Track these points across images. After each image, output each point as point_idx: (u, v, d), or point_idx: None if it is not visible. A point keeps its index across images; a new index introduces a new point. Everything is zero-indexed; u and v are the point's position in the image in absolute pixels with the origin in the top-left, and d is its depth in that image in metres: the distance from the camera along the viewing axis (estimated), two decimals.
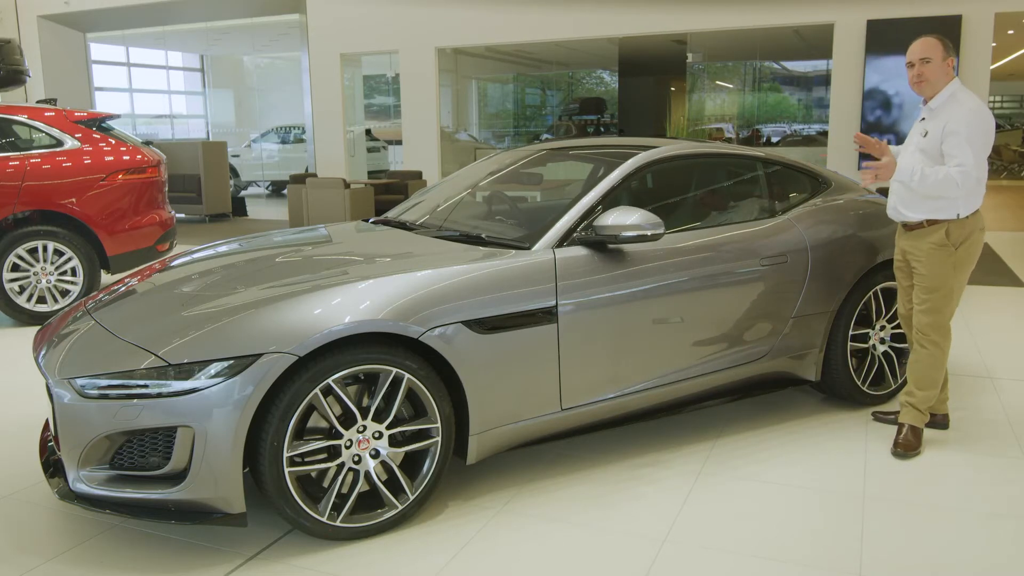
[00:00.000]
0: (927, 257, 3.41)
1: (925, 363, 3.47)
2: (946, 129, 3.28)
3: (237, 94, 21.16)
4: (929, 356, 3.46)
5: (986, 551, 2.69)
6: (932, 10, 9.91)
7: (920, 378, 3.48)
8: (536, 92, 18.46)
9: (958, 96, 3.37)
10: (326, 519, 2.67)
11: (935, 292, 3.42)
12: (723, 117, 15.72)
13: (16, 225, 5.90)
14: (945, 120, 3.31)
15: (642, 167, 3.56)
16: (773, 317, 3.68)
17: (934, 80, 3.38)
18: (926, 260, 3.41)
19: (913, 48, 3.43)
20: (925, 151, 3.38)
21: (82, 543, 2.77)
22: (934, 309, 3.43)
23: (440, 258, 3.07)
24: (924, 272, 3.43)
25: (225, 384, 2.48)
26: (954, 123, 3.27)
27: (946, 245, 3.38)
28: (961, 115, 3.28)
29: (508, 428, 3.01)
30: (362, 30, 13.11)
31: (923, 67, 3.38)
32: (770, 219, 3.79)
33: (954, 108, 3.33)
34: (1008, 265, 8.05)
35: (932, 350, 3.46)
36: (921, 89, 3.43)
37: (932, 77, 3.38)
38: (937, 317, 3.44)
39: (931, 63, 3.37)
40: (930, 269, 3.41)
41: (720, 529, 2.83)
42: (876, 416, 3.81)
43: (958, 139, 3.26)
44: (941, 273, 3.40)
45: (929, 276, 3.42)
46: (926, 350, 3.47)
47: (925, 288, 3.44)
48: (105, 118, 6.57)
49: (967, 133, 3.25)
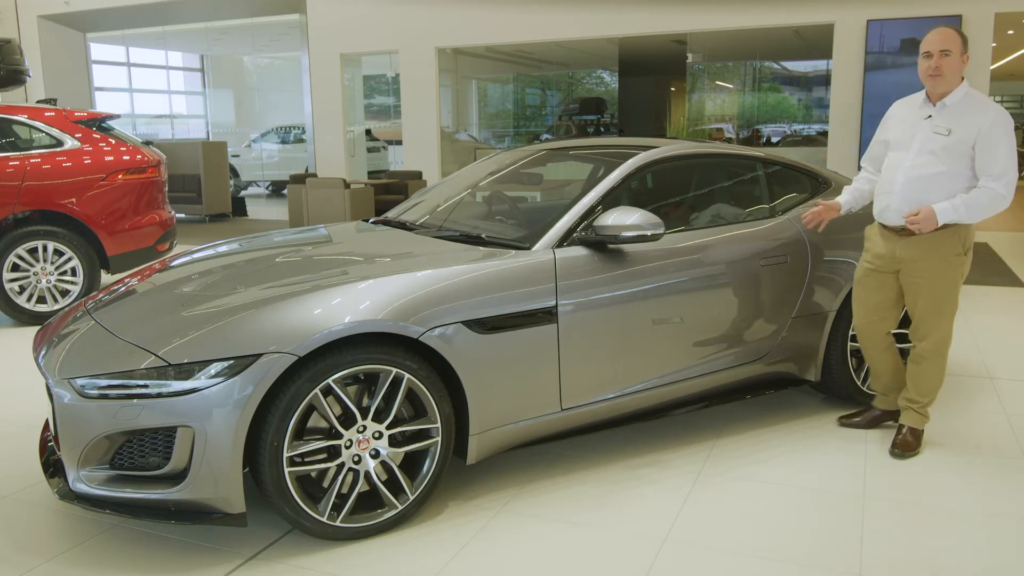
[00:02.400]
0: (939, 268, 3.25)
1: (932, 374, 3.41)
2: (983, 135, 3.11)
3: (237, 94, 21.16)
4: (936, 368, 3.40)
5: (986, 551, 2.68)
6: (932, 10, 9.91)
7: (928, 388, 3.43)
8: (536, 92, 18.46)
9: (978, 97, 3.22)
10: (326, 519, 2.67)
11: (947, 304, 3.29)
12: (723, 117, 15.72)
13: (16, 225, 5.90)
14: (975, 124, 3.13)
15: (642, 167, 3.57)
16: (773, 317, 3.68)
17: (950, 75, 3.18)
18: (937, 271, 3.25)
19: (933, 38, 3.21)
20: (947, 150, 3.16)
21: (82, 543, 2.77)
22: (938, 315, 3.31)
23: (440, 258, 3.07)
24: (933, 284, 3.27)
25: (225, 384, 2.48)
26: (993, 129, 3.11)
27: (960, 255, 3.25)
28: (997, 120, 3.12)
29: (508, 428, 3.01)
30: (362, 30, 13.11)
31: (942, 59, 3.16)
32: (770, 219, 3.79)
33: (981, 111, 3.16)
34: (1008, 265, 8.05)
35: (939, 362, 3.39)
36: (935, 83, 3.21)
37: (949, 72, 3.17)
38: (947, 330, 3.34)
39: (951, 56, 3.16)
40: (943, 280, 3.26)
41: (720, 529, 2.83)
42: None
43: (1001, 148, 3.11)
44: (956, 284, 3.28)
45: (941, 287, 3.26)
46: (933, 363, 3.38)
47: (935, 301, 3.28)
48: (105, 118, 6.57)
49: (1008, 142, 3.11)
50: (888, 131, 3.45)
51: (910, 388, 3.47)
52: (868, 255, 3.49)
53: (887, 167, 3.38)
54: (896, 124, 3.41)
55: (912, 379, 3.46)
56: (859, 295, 3.54)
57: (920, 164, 3.22)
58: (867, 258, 3.49)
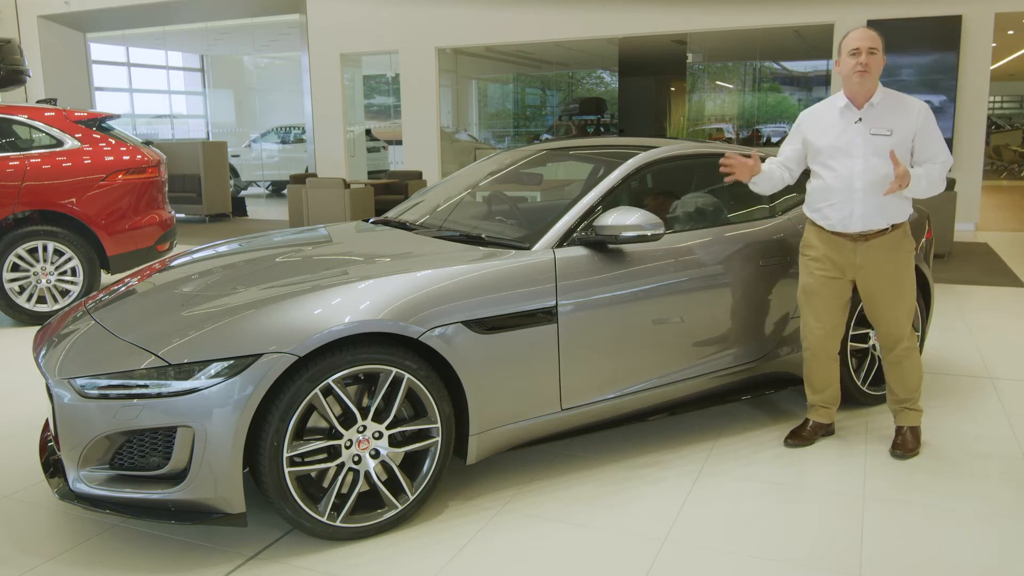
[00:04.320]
0: (896, 262, 3.31)
1: (914, 370, 3.43)
2: (921, 128, 3.21)
3: (237, 94, 21.15)
4: (916, 362, 3.43)
5: (986, 551, 2.68)
6: (932, 10, 9.91)
7: (915, 384, 3.44)
8: (536, 92, 18.46)
9: (895, 95, 3.28)
10: (326, 519, 2.67)
11: (908, 294, 3.36)
12: (723, 117, 15.73)
13: (16, 225, 5.90)
14: (910, 119, 3.20)
15: (642, 167, 3.57)
16: (773, 317, 3.68)
17: (875, 73, 3.20)
18: (899, 271, 3.32)
19: (858, 35, 3.22)
20: (895, 150, 3.16)
21: (82, 543, 2.77)
22: (908, 313, 3.38)
23: (440, 258, 3.07)
24: (897, 284, 3.32)
25: (225, 384, 2.47)
26: (927, 121, 3.22)
27: (913, 250, 3.37)
28: (926, 111, 3.24)
29: (508, 428, 3.01)
30: (362, 30, 13.11)
31: (870, 57, 3.16)
32: (770, 219, 3.79)
33: (908, 106, 3.24)
34: (1008, 265, 8.05)
35: (916, 356, 3.44)
36: (862, 81, 3.19)
37: (875, 70, 3.19)
38: (910, 319, 3.40)
39: (876, 55, 3.18)
40: (906, 279, 3.34)
41: (720, 529, 2.83)
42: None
43: (938, 136, 3.24)
44: (910, 274, 3.36)
45: (904, 286, 3.34)
46: (912, 359, 3.41)
47: (896, 295, 3.33)
48: (105, 118, 6.57)
49: (938, 129, 3.25)
50: (816, 139, 3.34)
51: (896, 391, 3.46)
52: (817, 264, 3.39)
53: (836, 176, 3.28)
54: (822, 132, 3.33)
55: (897, 381, 3.45)
56: (814, 305, 3.43)
57: (872, 167, 3.22)
58: (816, 267, 3.39)
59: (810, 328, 3.48)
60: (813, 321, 3.46)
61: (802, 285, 3.48)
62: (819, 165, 3.35)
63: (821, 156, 3.34)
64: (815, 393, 3.58)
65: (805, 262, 3.46)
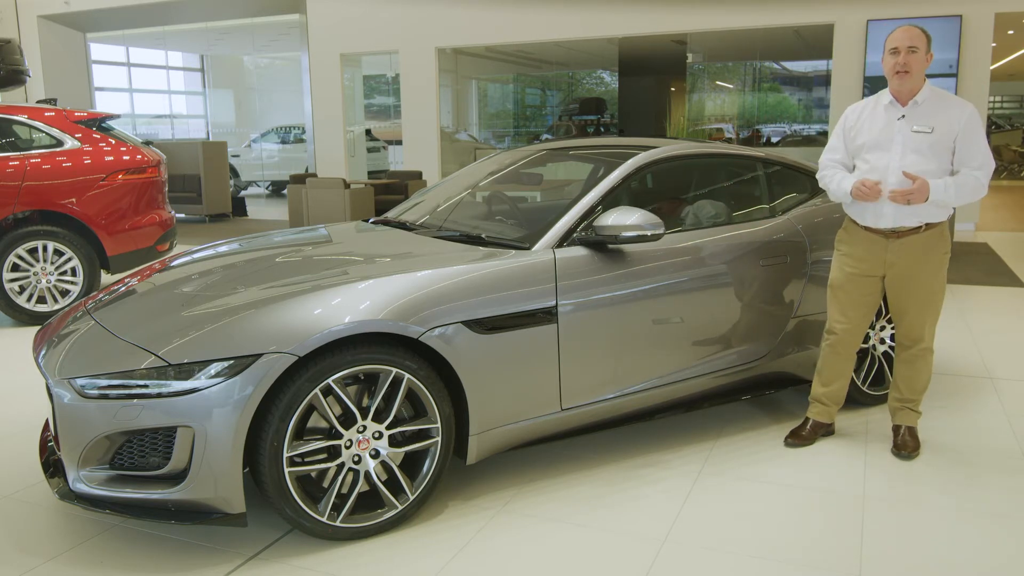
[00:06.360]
0: (932, 269, 3.29)
1: (925, 371, 3.42)
2: (963, 129, 3.16)
3: (237, 94, 21.15)
4: (928, 365, 3.42)
5: (986, 551, 2.68)
6: (932, 10, 9.91)
7: (923, 385, 3.44)
8: (536, 92, 18.45)
9: (944, 94, 3.26)
10: (326, 519, 2.67)
11: (937, 298, 3.33)
12: (723, 117, 15.71)
13: (16, 225, 5.90)
14: (954, 119, 3.17)
15: (642, 167, 3.57)
16: (773, 317, 3.68)
17: (916, 73, 3.19)
18: (930, 272, 3.29)
19: (899, 35, 3.23)
20: (932, 147, 3.18)
21: (82, 543, 2.77)
22: (934, 316, 3.36)
23: (440, 258, 3.07)
24: (927, 285, 3.30)
25: (225, 384, 2.47)
26: (971, 123, 3.17)
27: (946, 253, 3.32)
28: (973, 114, 3.20)
29: (508, 428, 3.01)
30: (362, 30, 13.11)
31: (909, 56, 3.17)
32: (770, 219, 3.79)
33: (954, 106, 3.22)
34: (1008, 265, 8.05)
35: (930, 359, 3.42)
36: (902, 81, 3.21)
37: (916, 69, 3.19)
38: (935, 323, 3.38)
39: (917, 53, 3.18)
40: (935, 280, 3.30)
41: (720, 529, 2.83)
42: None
43: (980, 141, 3.19)
44: (942, 277, 3.33)
45: (934, 287, 3.31)
46: (926, 361, 3.40)
47: (926, 297, 3.31)
48: (105, 118, 6.57)
49: (984, 134, 3.20)
50: (859, 136, 3.35)
51: (902, 389, 3.46)
52: (849, 259, 3.40)
53: (869, 171, 3.29)
54: (865, 128, 3.33)
55: (905, 380, 3.45)
56: (840, 300, 3.44)
57: (908, 164, 3.21)
58: (848, 263, 3.40)
59: (834, 322, 3.48)
60: (838, 315, 3.46)
61: (832, 279, 3.49)
62: (859, 159, 3.37)
63: (862, 151, 3.35)
64: (822, 386, 3.56)
65: (838, 256, 3.48)
